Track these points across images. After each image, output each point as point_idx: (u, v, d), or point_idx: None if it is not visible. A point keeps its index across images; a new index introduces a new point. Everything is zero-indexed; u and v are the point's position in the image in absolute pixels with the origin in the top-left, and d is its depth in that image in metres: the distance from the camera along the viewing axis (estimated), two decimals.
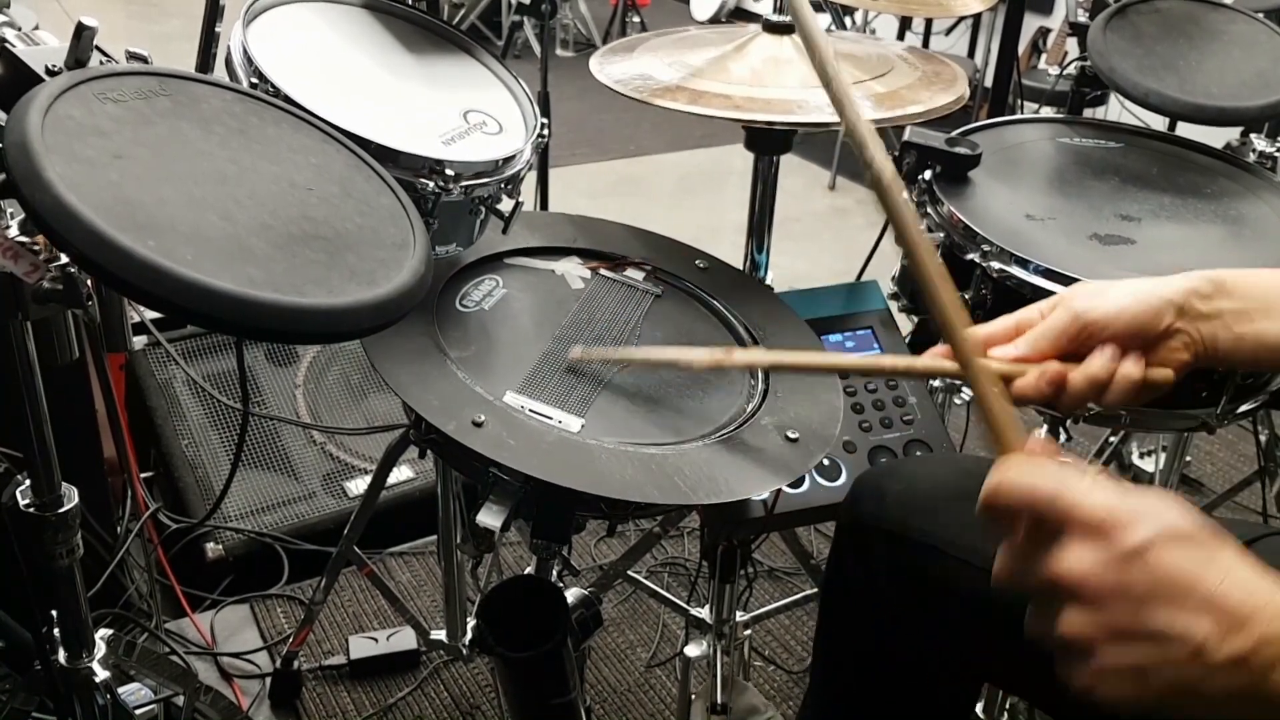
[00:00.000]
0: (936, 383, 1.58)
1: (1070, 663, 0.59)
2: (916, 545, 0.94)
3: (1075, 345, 0.82)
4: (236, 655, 1.75)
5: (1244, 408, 1.24)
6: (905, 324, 1.43)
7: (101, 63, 0.90)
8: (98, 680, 1.19)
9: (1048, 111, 2.86)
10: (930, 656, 0.99)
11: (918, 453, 1.26)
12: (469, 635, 1.57)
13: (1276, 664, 0.54)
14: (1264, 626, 0.55)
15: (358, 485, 1.96)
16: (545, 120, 1.22)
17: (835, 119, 1.17)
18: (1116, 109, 2.42)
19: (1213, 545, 0.58)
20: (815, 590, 1.62)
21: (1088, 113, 1.76)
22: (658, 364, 1.07)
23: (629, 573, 1.71)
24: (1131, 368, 0.80)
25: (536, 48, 5.14)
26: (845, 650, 1.07)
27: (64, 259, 0.91)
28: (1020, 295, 1.16)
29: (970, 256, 1.23)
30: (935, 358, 0.83)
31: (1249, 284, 0.81)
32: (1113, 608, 0.57)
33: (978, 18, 4.73)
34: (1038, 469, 0.61)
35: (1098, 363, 0.80)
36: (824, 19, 4.33)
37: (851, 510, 1.01)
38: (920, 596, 0.95)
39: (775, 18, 1.33)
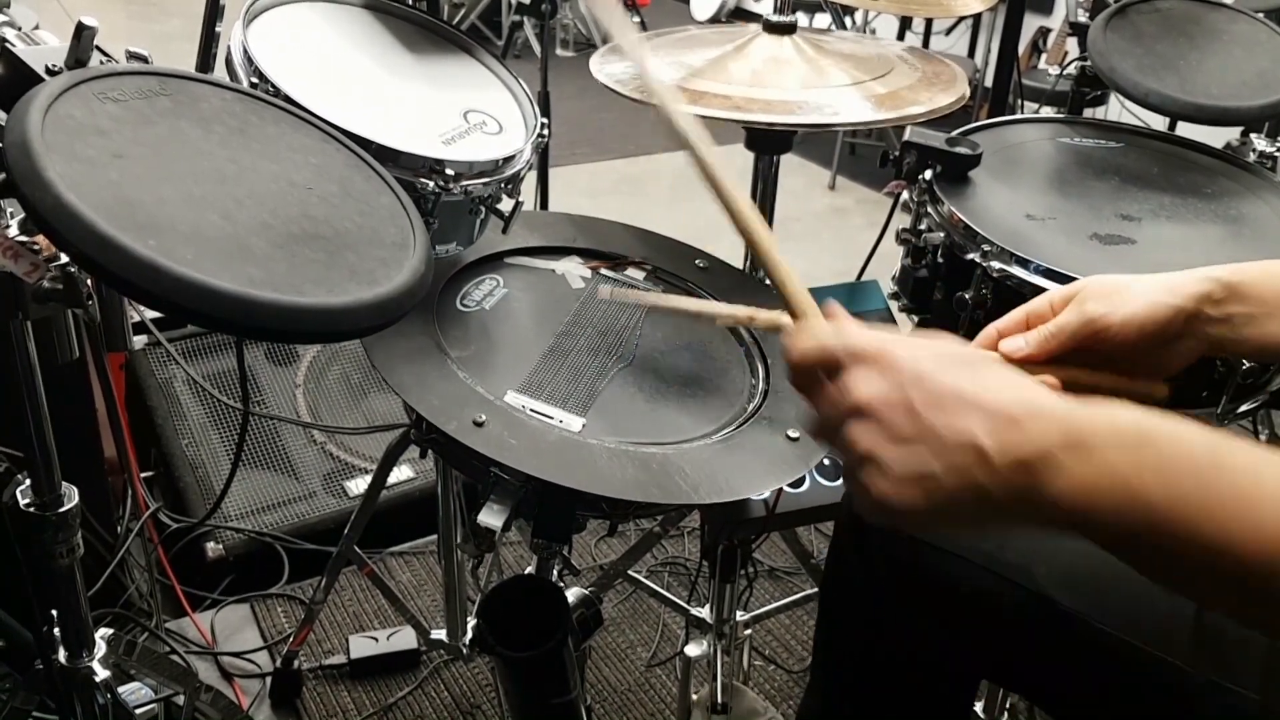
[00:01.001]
0: None
1: (862, 479, 0.61)
2: (916, 543, 0.94)
3: (1083, 346, 0.83)
4: (237, 655, 1.75)
5: (1244, 408, 1.24)
6: (905, 323, 1.43)
7: (102, 62, 0.90)
8: (98, 679, 1.19)
9: (1048, 111, 2.86)
10: (930, 654, 0.99)
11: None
12: (469, 635, 1.57)
13: (1055, 466, 0.56)
14: (1042, 430, 0.57)
15: (358, 485, 1.96)
16: (545, 120, 1.22)
17: (835, 120, 1.17)
18: (1117, 109, 2.42)
19: (986, 363, 0.62)
20: (815, 590, 1.61)
21: (1088, 113, 1.76)
22: (680, 312, 1.12)
23: (629, 572, 1.71)
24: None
25: (536, 47, 5.14)
26: (845, 649, 1.07)
27: (64, 258, 0.92)
28: (1020, 295, 1.16)
29: (970, 256, 1.23)
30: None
31: (1262, 286, 0.81)
32: (895, 417, 0.60)
33: (978, 18, 4.74)
34: (822, 328, 0.66)
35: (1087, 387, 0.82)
36: (824, 19, 4.34)
37: (851, 510, 1.01)
38: (920, 594, 0.95)
39: (776, 18, 1.33)
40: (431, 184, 1.05)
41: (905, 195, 1.37)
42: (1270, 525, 0.53)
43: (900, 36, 4.86)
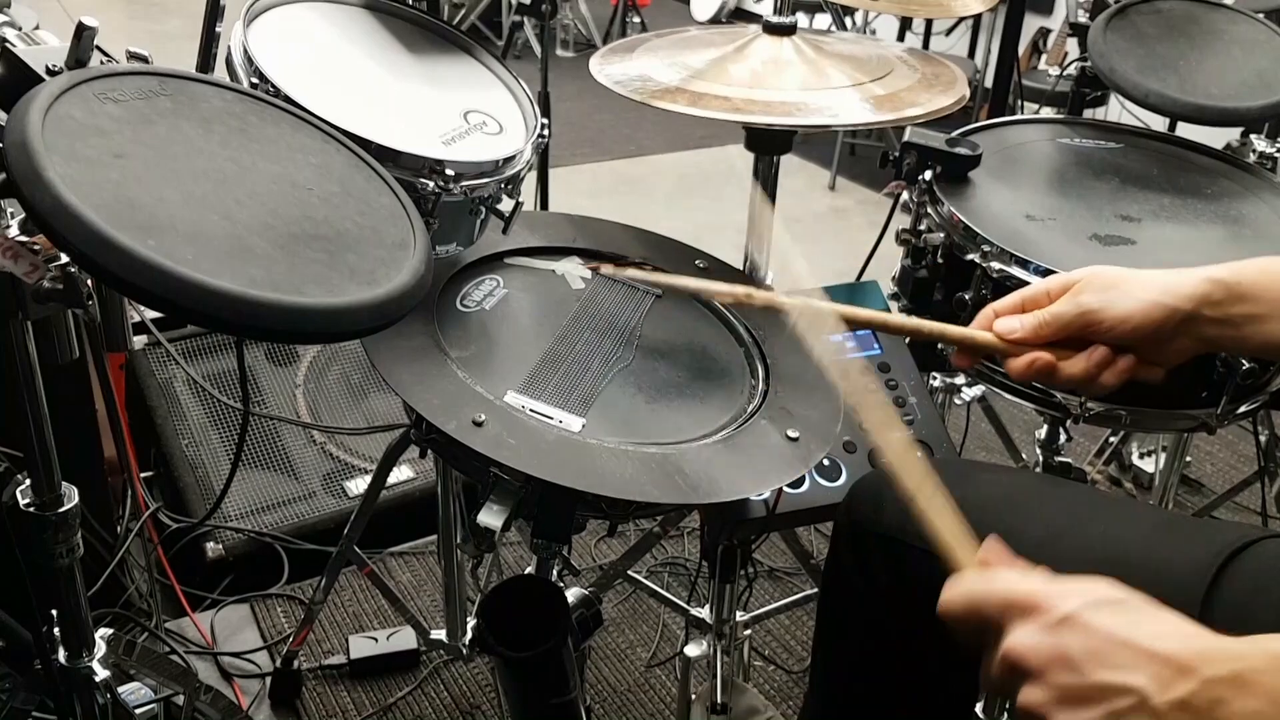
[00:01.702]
0: (936, 383, 1.59)
1: None
2: (914, 549, 0.93)
3: (1076, 336, 0.83)
4: (236, 655, 1.75)
5: (1244, 408, 1.24)
6: None
7: (102, 62, 0.90)
8: (98, 679, 1.19)
9: (1048, 112, 2.86)
10: (929, 656, 0.98)
11: (918, 454, 1.26)
12: (469, 635, 1.57)
13: (1219, 703, 0.57)
14: (1203, 669, 0.58)
15: (358, 485, 1.96)
16: (545, 120, 1.22)
17: (834, 121, 1.17)
18: (1117, 109, 2.42)
19: (1141, 606, 0.63)
20: (815, 590, 1.61)
21: (1088, 113, 1.76)
22: (681, 290, 1.15)
23: (629, 572, 1.71)
24: (1114, 377, 0.83)
25: (537, 48, 5.14)
26: (845, 650, 1.07)
27: (64, 258, 0.91)
28: None
29: (970, 257, 1.23)
30: (948, 325, 0.86)
31: (1262, 286, 0.81)
32: (1057, 674, 0.60)
33: (978, 18, 4.74)
34: (974, 579, 0.67)
35: (1080, 366, 0.83)
36: (824, 19, 4.34)
37: (849, 514, 1.01)
38: (919, 598, 0.95)
39: (775, 19, 1.33)
40: (432, 184, 1.05)
41: (905, 196, 1.37)
42: None
43: (900, 37, 4.86)
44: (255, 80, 1.05)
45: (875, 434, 0.82)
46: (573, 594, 1.07)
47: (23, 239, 0.90)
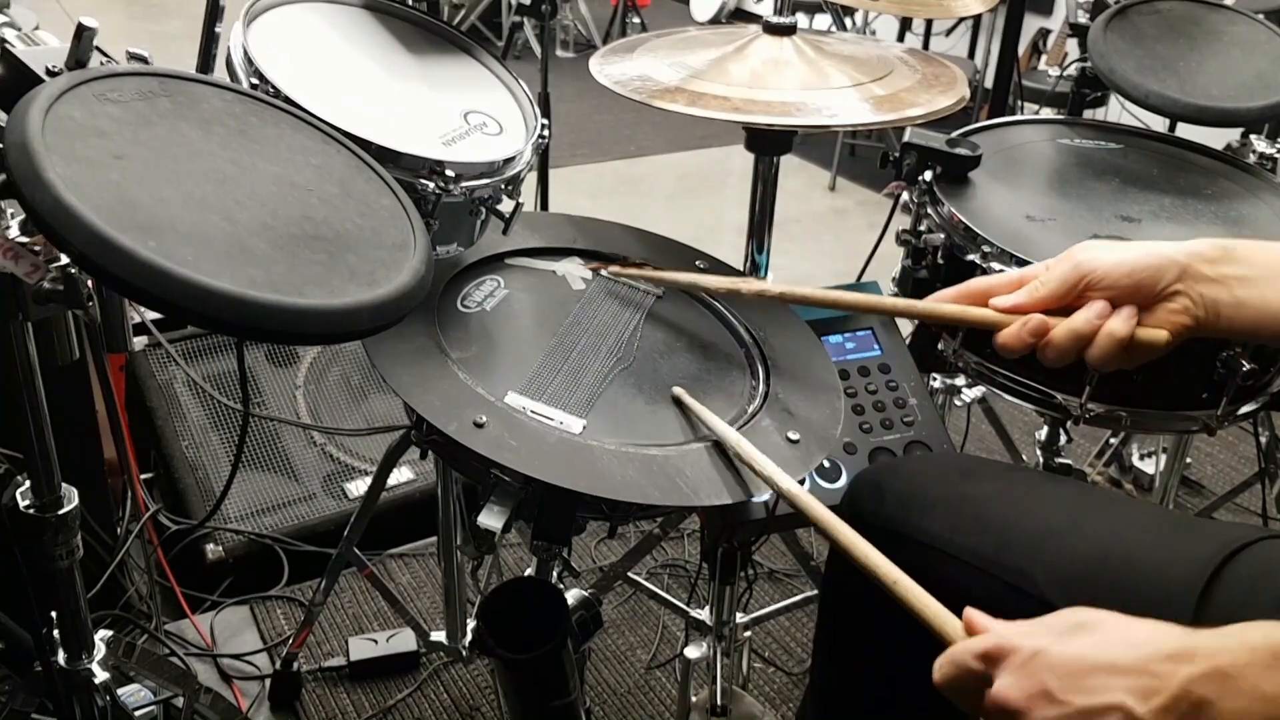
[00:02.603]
0: (937, 384, 1.59)
1: None
2: (916, 544, 0.93)
3: (1074, 296, 0.82)
4: (236, 656, 1.75)
5: (1244, 409, 1.24)
6: (905, 325, 1.43)
7: (102, 63, 0.90)
8: (97, 681, 1.19)
9: (1048, 112, 2.86)
10: (930, 656, 0.98)
11: (917, 453, 1.26)
12: (469, 637, 1.57)
13: (1204, 704, 0.57)
14: (1181, 671, 0.58)
15: (358, 486, 1.96)
16: (545, 121, 1.22)
17: (833, 121, 1.17)
18: (1116, 110, 2.42)
19: (1110, 623, 0.63)
20: (815, 592, 1.61)
21: (1088, 114, 1.76)
22: (678, 285, 1.17)
23: (629, 574, 1.71)
24: (1118, 324, 0.80)
25: (537, 48, 5.14)
26: (845, 650, 1.07)
27: (64, 259, 0.92)
28: None
29: (970, 257, 1.23)
30: (943, 304, 0.85)
31: (1257, 252, 0.81)
32: (1041, 710, 0.61)
33: (978, 19, 4.74)
34: (956, 648, 0.68)
35: (1081, 316, 0.81)
36: (824, 19, 4.34)
37: (851, 508, 1.01)
38: None
39: (776, 20, 1.33)
40: (432, 185, 1.05)
41: (905, 196, 1.37)
42: None
43: (900, 37, 4.86)
44: (255, 81, 1.05)
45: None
46: (572, 596, 1.07)
47: (23, 240, 0.90)
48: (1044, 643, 0.63)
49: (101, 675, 1.19)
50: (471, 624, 1.57)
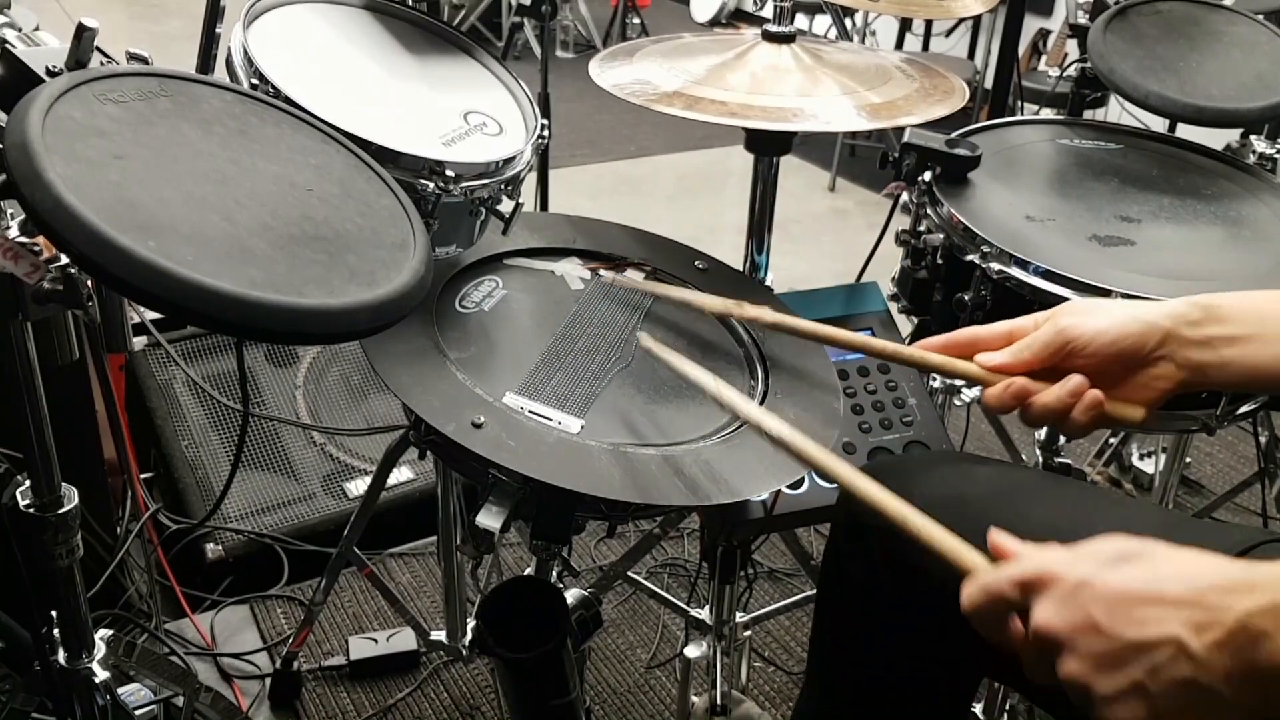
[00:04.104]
0: (936, 384, 1.59)
1: (1085, 707, 0.60)
2: (915, 543, 0.93)
3: (1057, 360, 0.83)
4: (236, 656, 1.75)
5: (1244, 409, 1.24)
6: (905, 325, 1.43)
7: (102, 63, 0.90)
8: (97, 681, 1.19)
9: (1048, 113, 2.86)
10: (928, 653, 0.98)
11: (916, 453, 1.26)
12: (469, 636, 1.57)
13: (1263, 636, 0.55)
14: (1238, 604, 0.56)
15: (358, 486, 1.96)
16: (545, 121, 1.22)
17: (829, 127, 1.18)
18: (1116, 110, 2.42)
19: (1158, 553, 0.61)
20: (815, 591, 1.62)
21: (1087, 114, 1.76)
22: (674, 301, 1.15)
23: (629, 574, 1.71)
24: (1086, 408, 0.81)
25: (537, 49, 5.14)
26: (842, 646, 1.07)
27: (64, 259, 0.92)
28: (1020, 296, 1.16)
29: (970, 258, 1.23)
30: (930, 353, 0.85)
31: (1241, 309, 0.81)
32: (1088, 642, 0.59)
33: (978, 19, 4.74)
34: (984, 575, 0.67)
35: (1054, 395, 0.82)
36: (824, 20, 4.34)
37: (848, 506, 1.01)
38: (917, 592, 0.95)
39: (775, 28, 1.33)
40: (432, 185, 1.05)
41: (905, 197, 1.37)
42: None
43: (900, 38, 4.87)
44: (255, 81, 1.05)
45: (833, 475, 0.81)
46: (572, 595, 1.07)
47: (23, 240, 0.90)
48: (1089, 571, 0.61)
49: (102, 674, 1.19)
50: (471, 623, 1.57)
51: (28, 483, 1.08)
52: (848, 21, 3.86)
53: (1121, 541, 0.63)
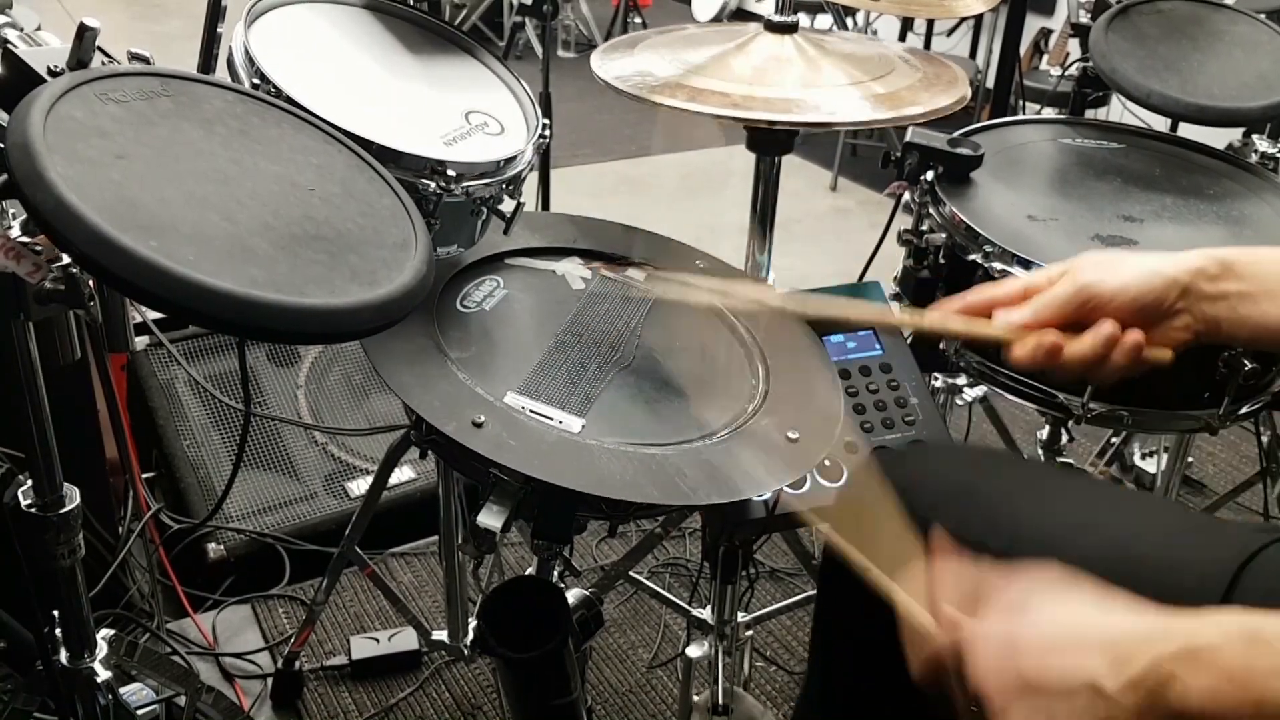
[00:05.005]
0: (938, 383, 1.59)
1: None
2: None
3: (1079, 316, 0.83)
4: (238, 655, 1.75)
5: (1246, 409, 1.24)
6: None
7: (103, 63, 0.90)
8: (99, 680, 1.19)
9: (1049, 112, 2.86)
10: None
11: (922, 447, 1.26)
12: (470, 636, 1.57)
13: (1171, 679, 0.57)
14: (1152, 647, 0.59)
15: (359, 486, 1.96)
16: (547, 121, 1.22)
17: (833, 118, 1.17)
18: (1118, 110, 2.42)
19: (1071, 590, 0.65)
20: (815, 591, 1.61)
21: (1089, 114, 1.76)
22: (677, 282, 1.11)
23: (630, 573, 1.71)
24: (1126, 350, 0.81)
25: (538, 48, 5.14)
26: (843, 643, 1.06)
27: (66, 259, 0.92)
28: None
29: (972, 257, 1.23)
30: (951, 315, 0.86)
31: (1257, 265, 0.81)
32: (1012, 697, 0.63)
33: (979, 18, 4.73)
34: (928, 650, 0.70)
35: (1090, 342, 0.82)
36: (825, 19, 4.34)
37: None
38: None
39: (777, 18, 1.33)
40: (433, 185, 1.05)
41: (907, 196, 1.37)
42: None
43: (902, 37, 4.86)
44: (257, 81, 1.05)
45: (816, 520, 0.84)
46: (574, 595, 1.07)
47: (24, 240, 0.90)
48: (1015, 628, 0.64)
49: (104, 674, 1.19)
50: (473, 623, 1.57)
51: (29, 482, 1.08)
52: (849, 21, 3.86)
53: (1051, 575, 0.66)
